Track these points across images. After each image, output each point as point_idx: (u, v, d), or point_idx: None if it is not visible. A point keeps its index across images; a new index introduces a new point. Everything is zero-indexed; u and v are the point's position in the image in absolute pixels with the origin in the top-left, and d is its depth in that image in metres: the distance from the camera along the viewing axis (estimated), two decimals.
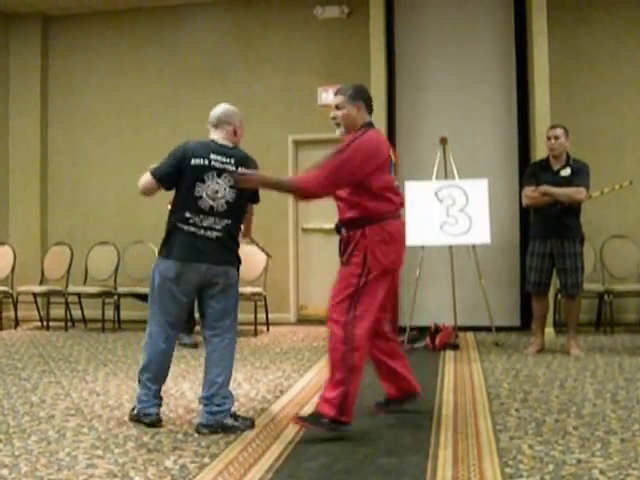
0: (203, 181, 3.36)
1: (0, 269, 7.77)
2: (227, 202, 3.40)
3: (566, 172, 5.36)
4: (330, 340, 3.30)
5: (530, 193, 5.45)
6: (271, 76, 7.97)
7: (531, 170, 5.61)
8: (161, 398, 3.55)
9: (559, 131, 5.39)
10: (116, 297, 7.39)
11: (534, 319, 5.76)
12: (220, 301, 3.46)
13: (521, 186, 5.84)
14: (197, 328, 6.03)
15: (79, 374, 4.86)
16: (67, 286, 7.55)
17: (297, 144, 7.90)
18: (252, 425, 3.42)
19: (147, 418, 3.45)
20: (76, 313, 7.60)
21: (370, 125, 3.46)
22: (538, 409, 3.71)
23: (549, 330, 6.11)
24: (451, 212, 6.07)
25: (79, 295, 7.56)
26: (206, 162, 3.37)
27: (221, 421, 3.33)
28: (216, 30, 8.17)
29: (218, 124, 3.51)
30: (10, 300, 7.62)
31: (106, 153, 8.40)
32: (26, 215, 8.46)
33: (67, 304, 7.41)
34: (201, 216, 3.37)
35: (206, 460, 2.93)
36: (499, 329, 6.34)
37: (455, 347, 5.82)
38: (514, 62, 7.03)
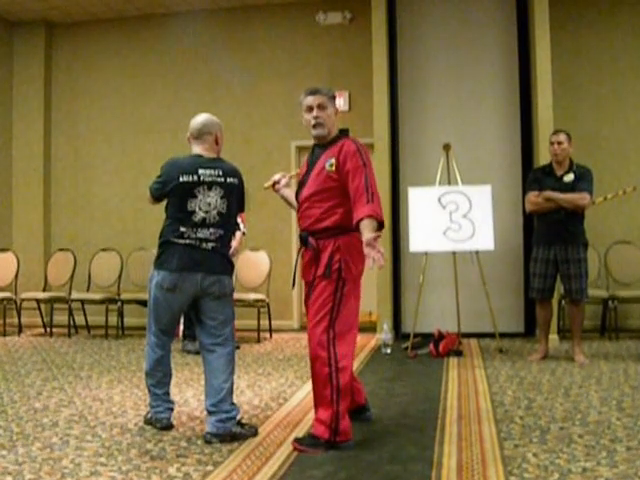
0: (195, 196, 3.41)
1: (3, 275, 7.78)
2: (219, 213, 3.46)
3: (569, 177, 5.35)
4: (313, 362, 3.20)
5: (533, 199, 5.43)
6: (274, 82, 7.99)
7: (534, 176, 5.60)
8: (172, 401, 3.64)
9: (562, 136, 5.37)
10: (119, 303, 7.37)
11: (538, 325, 5.75)
12: (221, 311, 3.48)
13: (524, 192, 5.83)
14: None
15: (83, 381, 4.86)
16: (70, 292, 7.56)
17: (300, 150, 7.90)
18: (255, 432, 3.42)
19: (158, 423, 3.55)
20: (79, 319, 7.60)
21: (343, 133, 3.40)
22: (543, 416, 3.69)
23: (553, 336, 6.07)
24: (454, 218, 6.06)
25: (82, 302, 7.56)
26: (195, 178, 3.41)
27: (230, 429, 3.32)
28: (219, 36, 8.19)
29: (200, 135, 3.53)
30: (13, 306, 7.63)
31: (109, 159, 8.43)
32: (29, 221, 8.48)
33: (70, 310, 7.41)
34: (195, 229, 3.41)
35: (209, 468, 2.92)
36: (503, 335, 6.33)
37: (459, 354, 5.80)
38: (517, 67, 7.02)
